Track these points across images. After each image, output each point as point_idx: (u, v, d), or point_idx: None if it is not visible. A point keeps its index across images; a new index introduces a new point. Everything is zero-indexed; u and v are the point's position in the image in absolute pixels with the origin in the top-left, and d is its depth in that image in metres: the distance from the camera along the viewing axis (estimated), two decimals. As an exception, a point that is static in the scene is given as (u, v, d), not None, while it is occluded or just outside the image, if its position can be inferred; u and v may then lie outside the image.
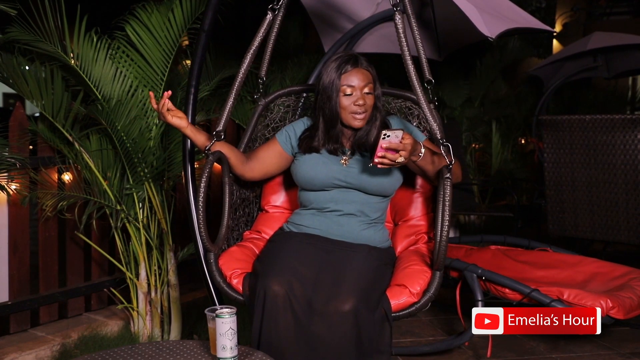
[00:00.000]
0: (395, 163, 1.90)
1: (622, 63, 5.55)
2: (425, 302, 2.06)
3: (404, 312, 2.04)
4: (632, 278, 2.86)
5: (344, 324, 1.88)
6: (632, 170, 3.58)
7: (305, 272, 1.99)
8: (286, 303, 1.91)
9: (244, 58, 2.21)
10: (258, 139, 2.46)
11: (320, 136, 2.21)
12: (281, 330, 1.91)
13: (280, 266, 1.99)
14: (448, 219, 1.97)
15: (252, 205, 2.52)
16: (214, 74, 3.18)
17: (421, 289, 2.06)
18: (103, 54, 2.71)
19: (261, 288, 1.94)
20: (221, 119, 2.21)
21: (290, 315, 1.91)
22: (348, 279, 1.96)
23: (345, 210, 2.19)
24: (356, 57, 2.18)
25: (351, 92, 2.14)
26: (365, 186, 2.19)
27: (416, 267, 2.13)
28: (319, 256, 2.08)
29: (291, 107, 2.55)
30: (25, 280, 2.86)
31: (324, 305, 1.90)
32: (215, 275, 2.16)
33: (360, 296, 1.91)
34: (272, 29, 2.30)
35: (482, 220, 5.79)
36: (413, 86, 2.04)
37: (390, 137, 1.89)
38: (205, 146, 2.15)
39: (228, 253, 2.23)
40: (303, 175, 2.22)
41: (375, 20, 2.98)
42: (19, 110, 2.78)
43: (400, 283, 2.07)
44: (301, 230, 2.22)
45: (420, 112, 2.44)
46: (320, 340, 1.89)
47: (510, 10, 2.67)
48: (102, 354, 1.79)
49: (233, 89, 2.22)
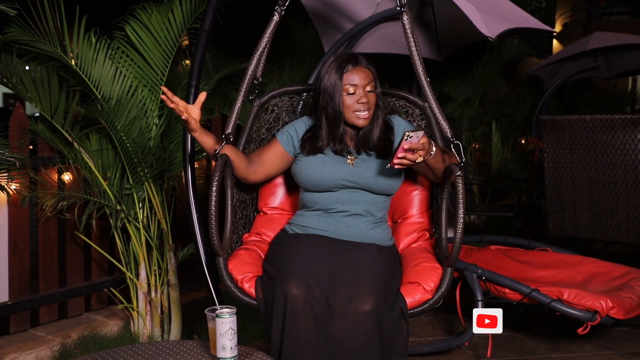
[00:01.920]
0: (413, 163, 1.91)
1: (622, 63, 5.55)
2: (438, 299, 2.09)
3: (418, 309, 2.06)
4: (632, 278, 2.87)
5: (366, 324, 1.88)
6: (632, 170, 3.58)
7: (321, 272, 1.98)
8: (307, 306, 1.90)
9: (250, 59, 2.18)
10: (254, 140, 2.45)
11: (324, 137, 2.20)
12: (302, 333, 1.89)
13: (297, 269, 1.97)
14: (463, 215, 1.99)
15: (249, 207, 2.50)
16: (213, 73, 3.18)
17: (435, 285, 2.09)
18: (103, 54, 2.71)
19: (280, 292, 1.92)
20: (230, 122, 2.19)
21: (312, 318, 1.90)
22: (365, 278, 1.96)
23: (352, 210, 2.19)
24: (356, 56, 2.18)
25: (354, 91, 2.13)
26: (371, 186, 2.18)
27: (427, 265, 2.15)
28: (331, 257, 2.06)
29: (285, 107, 2.53)
30: (25, 280, 2.86)
31: (344, 306, 1.90)
32: (226, 280, 2.13)
33: (379, 295, 1.92)
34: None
35: (482, 220, 5.80)
36: (422, 84, 2.06)
37: (413, 137, 1.89)
38: (214, 149, 2.10)
39: (236, 257, 2.21)
40: (309, 176, 2.20)
41: (375, 20, 2.97)
42: (19, 110, 2.78)
43: (413, 280, 2.09)
44: (307, 231, 2.20)
45: (415, 111, 2.45)
46: (342, 341, 1.89)
47: (510, 10, 2.67)
48: (102, 354, 1.79)
49: (241, 91, 2.19)
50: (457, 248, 2.02)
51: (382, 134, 2.21)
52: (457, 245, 2.01)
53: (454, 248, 2.02)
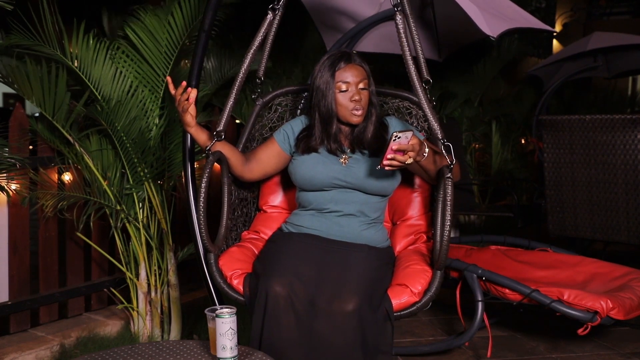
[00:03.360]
0: (403, 165, 1.90)
1: (622, 63, 5.56)
2: (426, 302, 2.06)
3: (405, 311, 2.04)
4: (632, 278, 2.86)
5: (348, 324, 1.88)
6: (632, 170, 3.57)
7: (306, 271, 1.98)
8: (288, 303, 1.91)
9: (244, 58, 2.21)
10: (256, 139, 2.46)
11: (318, 135, 2.20)
12: (283, 331, 1.90)
13: (281, 267, 1.99)
14: (449, 218, 1.96)
15: (250, 205, 2.51)
16: (213, 75, 3.18)
17: (422, 288, 2.06)
18: (102, 54, 2.70)
19: (263, 289, 1.94)
20: (222, 119, 2.20)
21: (293, 315, 1.91)
22: (350, 278, 1.96)
23: (345, 210, 2.19)
24: (349, 53, 2.18)
25: (346, 88, 2.13)
26: (365, 186, 2.18)
27: (417, 267, 2.13)
28: (319, 256, 2.07)
29: (289, 106, 2.55)
30: (25, 280, 2.86)
31: (327, 305, 1.90)
32: (216, 276, 2.16)
33: (363, 296, 1.91)
34: (272, 29, 2.30)
35: (482, 220, 5.79)
36: (413, 85, 2.04)
37: (401, 138, 1.88)
38: (206, 146, 2.14)
39: (228, 253, 2.23)
40: (302, 175, 2.21)
41: (376, 19, 2.98)
42: (19, 110, 2.77)
43: (401, 282, 2.07)
44: (300, 231, 2.21)
45: (418, 112, 2.45)
46: (323, 340, 1.89)
47: (511, 10, 2.67)
48: (102, 354, 1.79)
49: (233, 89, 2.21)
50: (443, 250, 1.99)
51: (376, 132, 2.21)
52: (444, 248, 1.98)
53: (440, 251, 1.99)
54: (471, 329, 2.69)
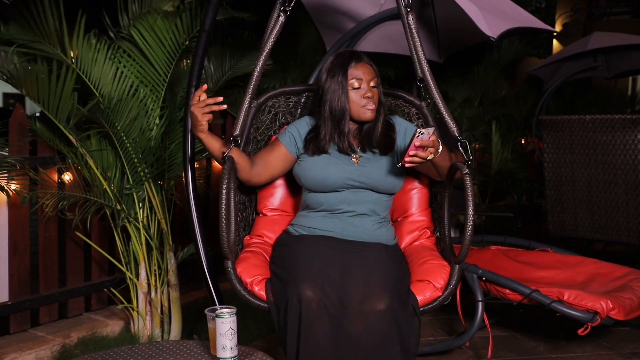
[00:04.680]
0: (425, 161, 1.91)
1: (622, 63, 5.55)
2: (447, 295, 2.10)
3: (429, 306, 2.08)
4: (632, 279, 2.87)
5: (382, 323, 1.88)
6: (632, 170, 3.58)
7: (332, 274, 1.97)
8: (321, 308, 1.88)
9: (257, 61, 2.14)
10: (251, 142, 2.41)
11: (328, 135, 2.18)
12: (318, 336, 1.88)
13: (308, 271, 1.96)
14: (472, 212, 1.98)
15: (248, 209, 2.47)
16: (214, 75, 3.18)
17: (444, 282, 2.10)
18: (103, 54, 2.70)
19: (294, 296, 1.89)
20: (237, 124, 2.14)
21: (327, 319, 1.89)
22: (377, 277, 1.96)
23: (358, 210, 2.18)
24: (358, 52, 2.20)
25: (359, 85, 2.14)
26: (377, 185, 2.18)
27: (434, 262, 2.16)
28: (340, 257, 2.05)
29: (282, 108, 2.51)
30: (25, 280, 2.85)
31: (359, 306, 1.89)
32: (236, 284, 2.10)
33: (392, 293, 1.92)
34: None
35: (482, 220, 5.79)
36: (429, 85, 2.08)
37: (424, 134, 1.88)
38: (222, 152, 2.08)
39: (243, 259, 2.18)
40: (314, 177, 2.18)
41: (376, 19, 2.98)
42: (19, 110, 2.77)
43: (423, 278, 2.10)
44: (313, 232, 2.18)
45: (411, 110, 2.45)
46: (358, 341, 1.88)
47: (511, 10, 2.67)
48: (102, 354, 1.79)
49: (248, 93, 2.15)
50: (466, 246, 2.03)
51: (384, 130, 2.22)
52: (467, 243, 2.02)
53: (463, 246, 2.03)
54: (471, 329, 2.69)
